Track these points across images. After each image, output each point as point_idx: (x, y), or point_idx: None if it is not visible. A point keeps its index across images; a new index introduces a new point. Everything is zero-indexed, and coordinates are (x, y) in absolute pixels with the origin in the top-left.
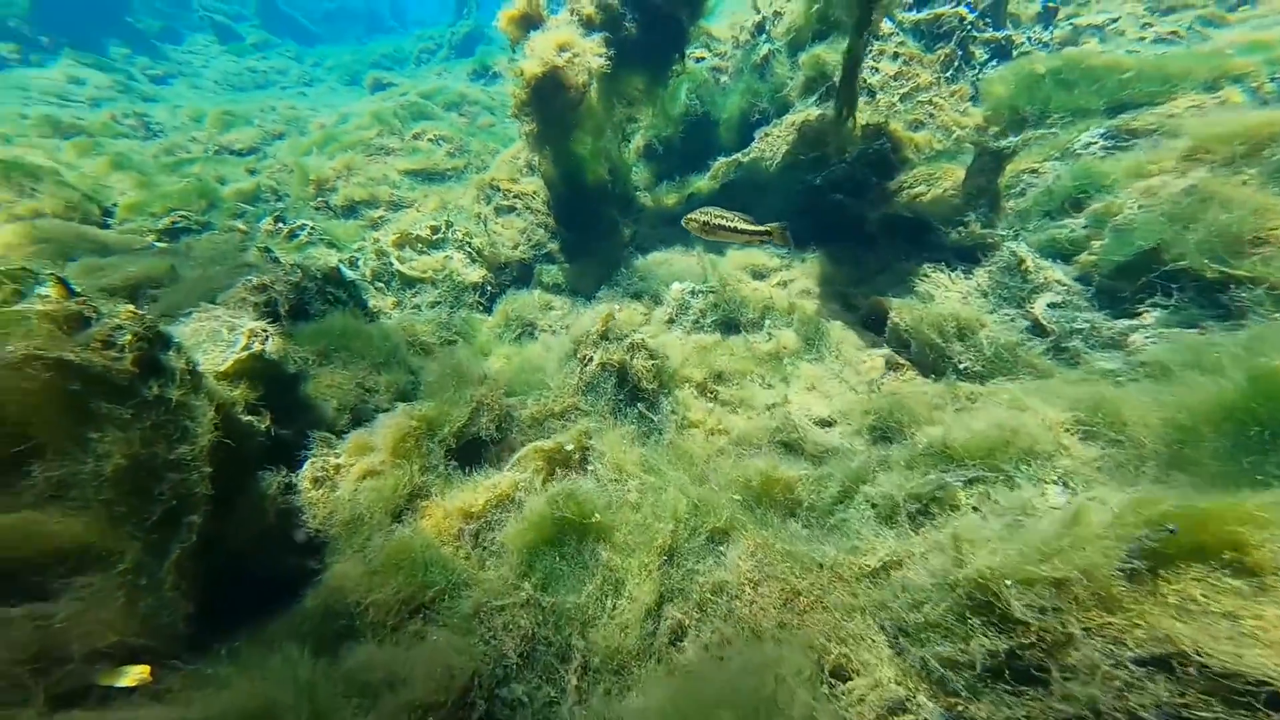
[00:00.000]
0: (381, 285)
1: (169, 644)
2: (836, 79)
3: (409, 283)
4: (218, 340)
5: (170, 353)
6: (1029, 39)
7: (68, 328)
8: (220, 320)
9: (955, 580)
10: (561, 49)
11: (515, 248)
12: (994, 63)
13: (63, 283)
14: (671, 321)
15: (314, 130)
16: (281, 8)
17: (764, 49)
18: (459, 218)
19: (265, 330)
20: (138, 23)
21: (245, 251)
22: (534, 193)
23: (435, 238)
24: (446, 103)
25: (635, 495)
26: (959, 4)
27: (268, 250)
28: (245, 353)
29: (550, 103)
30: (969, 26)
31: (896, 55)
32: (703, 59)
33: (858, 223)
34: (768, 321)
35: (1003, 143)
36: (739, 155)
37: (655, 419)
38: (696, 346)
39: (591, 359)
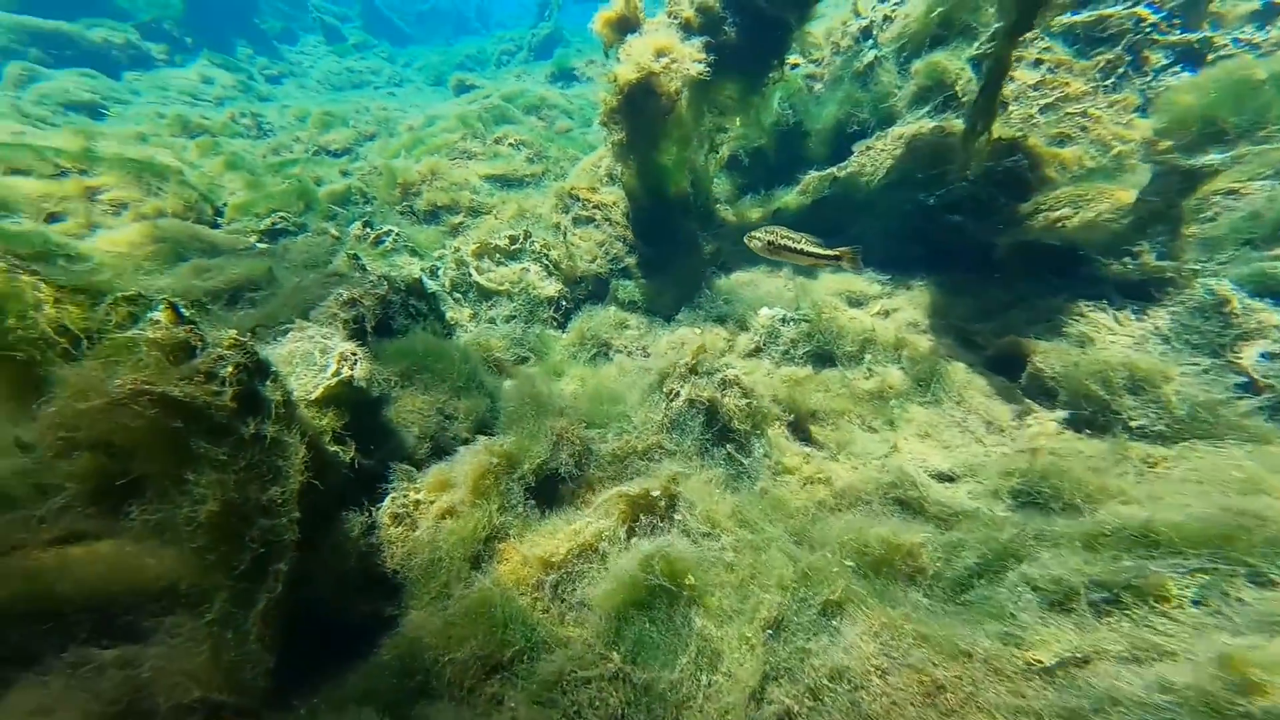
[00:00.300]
0: (459, 296)
1: (251, 699)
2: (960, 88)
3: (486, 295)
4: (310, 363)
5: (268, 383)
6: (1234, 41)
7: (174, 357)
8: (313, 340)
9: (1245, 711)
10: (660, 54)
11: (593, 261)
12: (1179, 69)
13: (174, 308)
14: (758, 350)
15: (403, 132)
16: (381, 10)
17: (869, 55)
18: (537, 228)
19: (355, 354)
20: (262, 24)
21: (335, 255)
22: (614, 204)
23: (513, 248)
24: (527, 106)
25: (731, 554)
26: (1136, 3)
27: (356, 257)
28: (335, 379)
29: (642, 111)
30: (1150, 28)
31: (1039, 62)
32: (797, 65)
33: (981, 249)
34: (868, 356)
35: (1205, 159)
36: (834, 169)
37: (746, 462)
38: (787, 380)
39: (679, 394)
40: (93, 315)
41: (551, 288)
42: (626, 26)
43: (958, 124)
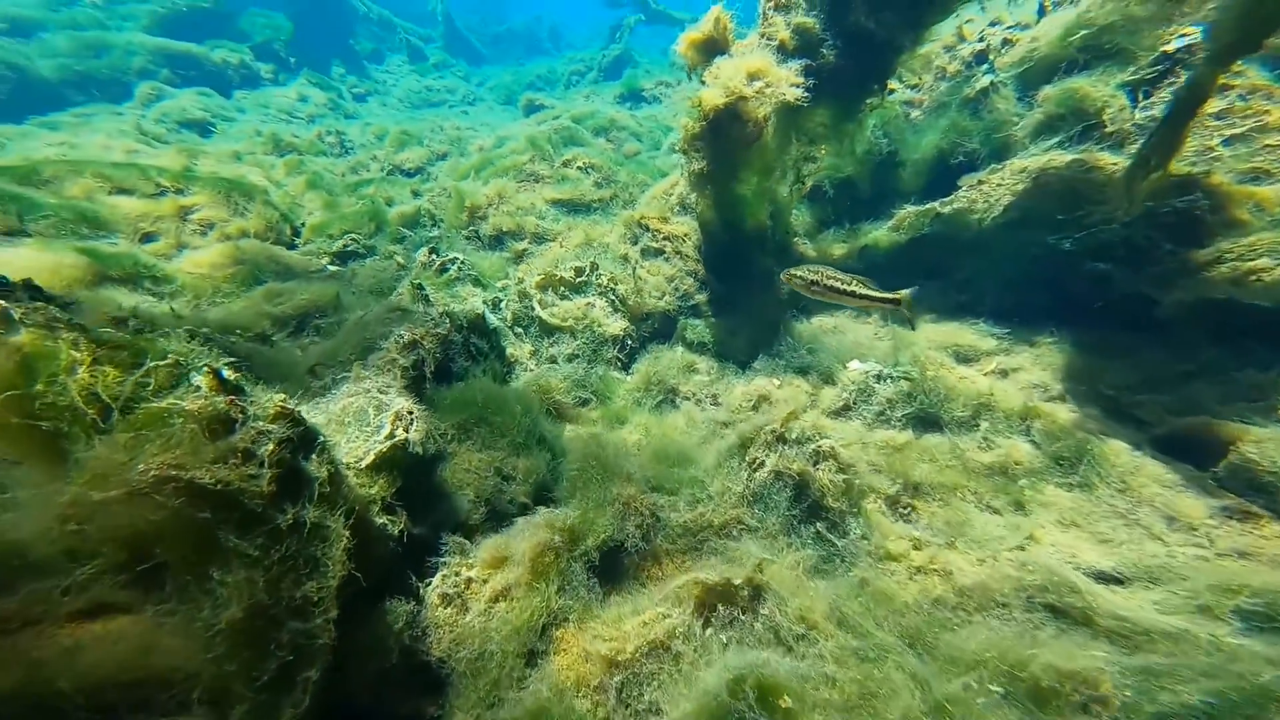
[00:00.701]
0: (520, 331)
1: None
2: (1107, 117)
3: (548, 330)
4: (363, 423)
5: (314, 457)
6: None
7: (212, 431)
8: (369, 395)
9: None
10: (753, 77)
11: (661, 297)
12: None
13: (216, 374)
14: (847, 409)
15: (473, 152)
16: (461, 31)
17: (982, 81)
18: (604, 259)
19: (411, 413)
20: (356, 45)
21: (400, 281)
22: (685, 235)
23: (579, 281)
24: (596, 127)
25: (832, 665)
26: None
27: (420, 287)
28: (389, 443)
29: (726, 138)
30: None
31: (1225, 88)
32: (893, 91)
33: (1137, 304)
34: (984, 423)
35: None
36: (935, 204)
37: (840, 544)
38: (885, 445)
39: (764, 464)
40: (130, 377)
41: (616, 325)
42: (714, 49)
43: (1104, 157)
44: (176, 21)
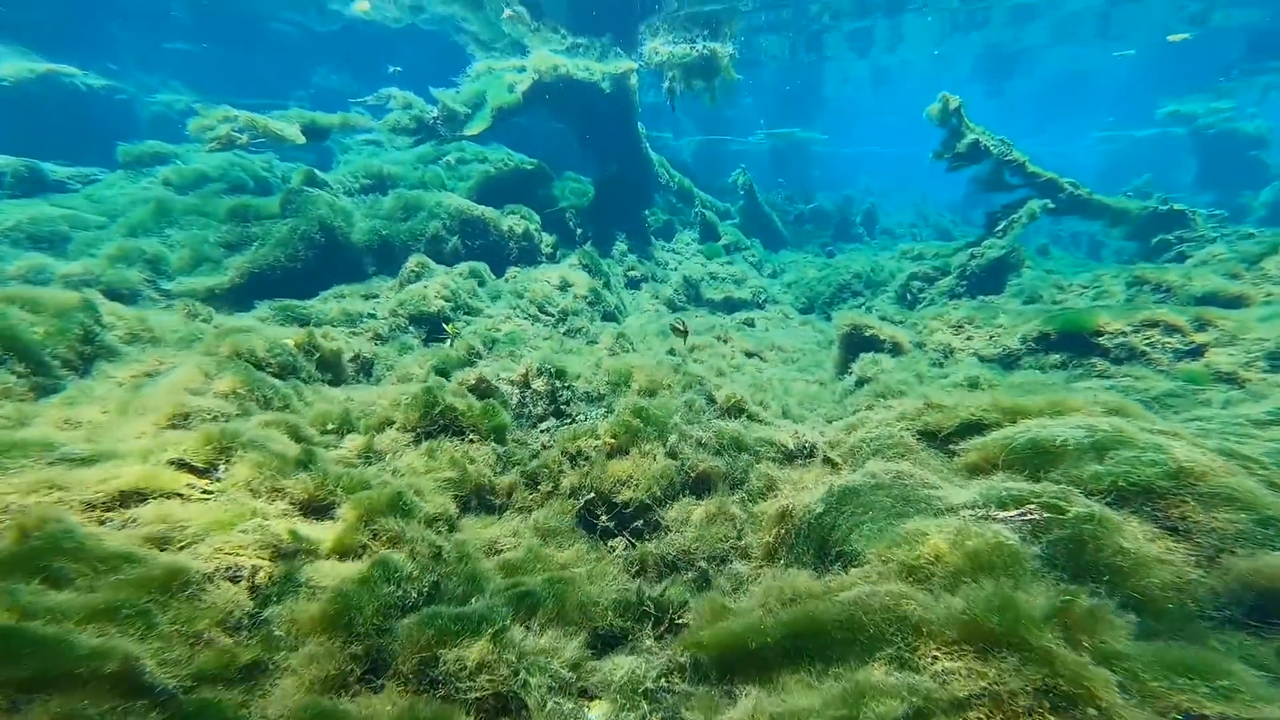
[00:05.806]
0: None
1: None
2: None
3: None
4: None
5: None
6: None
7: None
8: None
9: None
10: None
11: None
12: None
13: None
14: None
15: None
16: (762, 207)
17: None
18: None
19: None
20: (650, 216)
21: None
22: None
23: None
24: (1111, 494)
25: None
26: None
27: None
28: None
29: None
30: None
31: None
32: None
33: None
34: None
35: None
36: None
37: None
38: None
39: None
40: None
41: None
42: None
43: None
44: (501, 183)
